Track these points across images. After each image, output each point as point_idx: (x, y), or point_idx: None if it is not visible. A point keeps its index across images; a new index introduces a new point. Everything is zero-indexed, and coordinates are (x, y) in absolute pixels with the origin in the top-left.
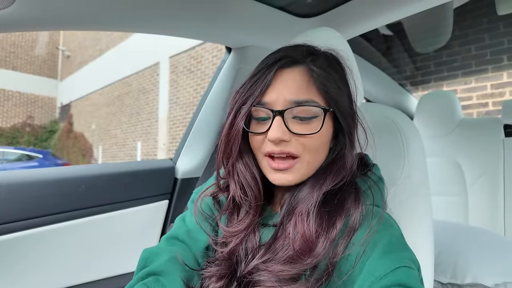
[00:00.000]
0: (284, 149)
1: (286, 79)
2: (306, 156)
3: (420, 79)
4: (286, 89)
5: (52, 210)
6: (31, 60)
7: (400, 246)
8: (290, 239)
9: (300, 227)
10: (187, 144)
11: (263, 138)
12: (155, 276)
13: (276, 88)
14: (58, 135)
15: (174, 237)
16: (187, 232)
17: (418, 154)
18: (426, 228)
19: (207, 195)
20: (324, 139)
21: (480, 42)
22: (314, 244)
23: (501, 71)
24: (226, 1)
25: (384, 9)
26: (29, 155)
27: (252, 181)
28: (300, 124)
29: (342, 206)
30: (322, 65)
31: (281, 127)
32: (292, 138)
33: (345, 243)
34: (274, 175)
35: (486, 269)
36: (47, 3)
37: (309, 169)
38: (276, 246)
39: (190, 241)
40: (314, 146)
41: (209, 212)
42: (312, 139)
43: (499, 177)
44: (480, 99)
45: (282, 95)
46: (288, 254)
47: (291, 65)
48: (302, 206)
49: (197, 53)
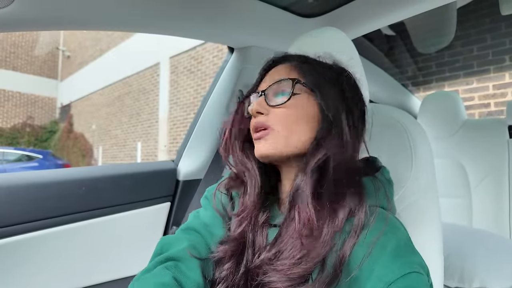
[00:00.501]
0: (259, 120)
1: (276, 71)
2: (279, 127)
3: (422, 80)
4: (270, 77)
5: (52, 213)
6: (31, 61)
7: (409, 250)
8: (295, 228)
9: (303, 212)
10: (189, 145)
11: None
12: (174, 262)
13: (266, 79)
14: (58, 135)
15: (190, 228)
16: (204, 225)
17: (426, 156)
18: (435, 231)
19: (222, 190)
20: (301, 113)
21: (482, 42)
22: (318, 230)
23: (503, 72)
24: (228, 1)
25: (388, 9)
26: (29, 156)
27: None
28: (277, 98)
29: (343, 197)
30: (314, 62)
31: (259, 102)
32: (270, 111)
33: (352, 243)
34: (256, 147)
35: (493, 273)
36: (47, 3)
37: (288, 144)
38: (283, 238)
39: (206, 234)
40: (288, 117)
41: (221, 209)
42: (286, 110)
43: (504, 179)
44: (482, 99)
45: (269, 82)
46: (296, 248)
47: (280, 63)
48: (302, 194)
49: (198, 53)
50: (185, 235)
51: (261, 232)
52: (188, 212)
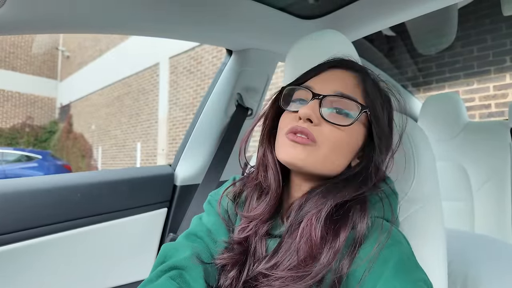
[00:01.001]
0: (307, 128)
1: (337, 75)
2: (324, 147)
3: (422, 80)
4: (333, 82)
5: (46, 221)
6: (30, 61)
7: (412, 265)
8: (296, 243)
9: (307, 232)
10: (186, 149)
11: (293, 117)
12: (178, 270)
13: (324, 79)
14: (57, 135)
15: (194, 234)
16: (207, 231)
17: (428, 162)
18: (439, 239)
19: (230, 196)
20: (350, 142)
21: (483, 43)
22: (318, 251)
23: (504, 73)
24: (226, 3)
25: (389, 11)
26: (29, 156)
27: (273, 163)
28: (334, 115)
29: (347, 216)
30: (374, 81)
31: (314, 108)
32: (321, 124)
33: (351, 257)
34: (287, 149)
35: (497, 282)
36: (39, 6)
37: (323, 164)
38: (282, 253)
39: (209, 241)
40: (337, 140)
41: (225, 216)
42: (339, 132)
43: (506, 182)
44: (483, 100)
45: (328, 86)
46: (292, 263)
47: (346, 68)
48: (312, 212)
49: (197, 53)
50: (188, 242)
51: (262, 242)
52: (186, 219)
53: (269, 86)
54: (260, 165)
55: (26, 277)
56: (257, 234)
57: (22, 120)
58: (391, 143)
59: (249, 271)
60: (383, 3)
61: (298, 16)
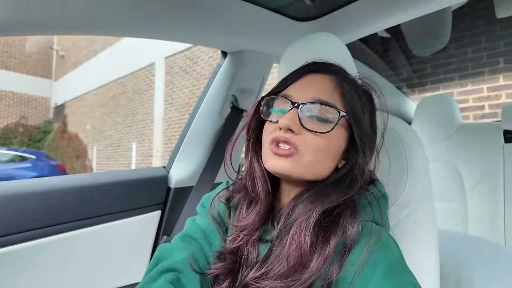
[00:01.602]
0: (289, 138)
1: (314, 80)
2: (307, 154)
3: (417, 82)
4: (310, 88)
5: (37, 224)
6: (24, 60)
7: (401, 269)
8: (285, 252)
9: (296, 239)
10: (180, 151)
11: (275, 127)
12: (175, 273)
13: (301, 86)
14: (52, 135)
15: (188, 235)
16: (202, 233)
17: (421, 164)
18: (431, 241)
19: (222, 200)
20: (333, 147)
21: (477, 45)
22: (307, 259)
23: (497, 74)
24: (220, 5)
25: (383, 14)
26: (22, 156)
27: (261, 173)
28: (314, 122)
29: (337, 222)
30: (352, 83)
31: (293, 117)
32: (301, 132)
33: (341, 262)
34: (272, 161)
35: (490, 283)
36: (30, 7)
37: (308, 171)
38: (271, 259)
39: (204, 243)
40: (320, 147)
41: (220, 220)
42: (321, 139)
43: (498, 184)
44: (477, 101)
45: (306, 93)
46: (282, 271)
47: (323, 72)
48: (302, 218)
49: (193, 53)
50: (184, 244)
51: (254, 248)
52: (180, 221)
53: (265, 87)
54: (247, 175)
55: (17, 282)
56: (249, 242)
57: (16, 120)
58: (374, 143)
59: (242, 279)
60: (378, 6)
61: (293, 18)
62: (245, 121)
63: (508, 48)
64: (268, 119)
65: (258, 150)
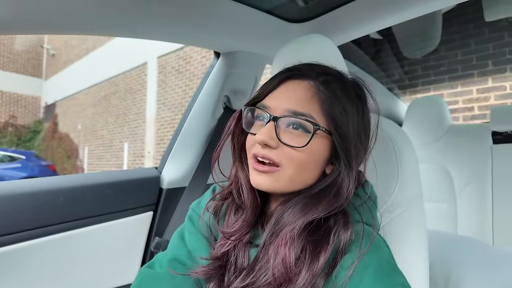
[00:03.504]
0: (267, 154)
1: (291, 89)
2: (288, 168)
3: (408, 83)
4: (287, 99)
5: (27, 226)
6: (14, 58)
7: (391, 270)
8: (271, 263)
9: (281, 251)
10: (173, 152)
11: (254, 141)
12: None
13: (278, 95)
14: (42, 135)
15: (175, 259)
16: (188, 253)
17: (411, 165)
18: (421, 242)
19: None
20: (314, 158)
21: (467, 47)
22: (293, 273)
23: (486, 76)
24: (213, 5)
25: (376, 16)
26: (12, 156)
27: (246, 181)
28: (292, 136)
29: (327, 237)
30: (333, 87)
31: (270, 132)
32: (279, 146)
33: (329, 272)
34: (254, 176)
35: (479, 282)
36: (19, 6)
37: (292, 184)
38: (256, 270)
39: (191, 264)
40: (300, 161)
41: (207, 230)
42: (300, 153)
43: (487, 185)
44: (466, 103)
45: (282, 103)
46: (268, 281)
47: (299, 78)
48: (286, 229)
49: (186, 53)
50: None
51: (244, 252)
52: (172, 222)
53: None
54: (233, 183)
55: (8, 283)
56: (237, 247)
57: (5, 119)
58: (365, 147)
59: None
60: (370, 8)
61: (286, 19)
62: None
63: (496, 51)
64: (250, 131)
65: (244, 159)
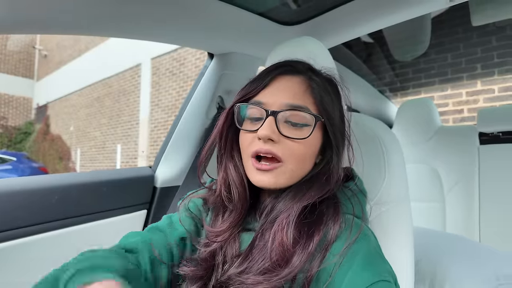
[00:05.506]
0: (270, 149)
1: (285, 84)
2: (290, 162)
3: (399, 86)
4: (282, 93)
5: (21, 223)
6: (5, 59)
7: (378, 258)
8: (268, 247)
9: (278, 236)
10: (167, 151)
11: (253, 137)
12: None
13: (273, 91)
14: (33, 137)
15: (155, 227)
16: (169, 223)
17: (398, 165)
18: (407, 238)
19: (198, 196)
20: (311, 149)
21: (456, 51)
22: (291, 254)
23: (475, 79)
24: (207, 7)
25: (365, 20)
26: (2, 158)
27: (238, 180)
28: (291, 129)
29: (321, 218)
30: (321, 80)
31: (271, 126)
32: (281, 140)
33: (322, 256)
34: (256, 176)
35: (464, 278)
36: (12, 6)
37: (292, 177)
38: (254, 255)
39: (168, 231)
40: (300, 153)
41: (197, 213)
42: (300, 145)
43: (474, 185)
44: (456, 105)
45: (278, 98)
46: (264, 266)
47: (292, 73)
48: (283, 216)
49: (180, 55)
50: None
51: (234, 241)
52: None
53: None
54: (222, 185)
55: (1, 280)
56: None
57: None
58: (344, 131)
59: (220, 275)
60: (360, 12)
61: (278, 22)
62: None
63: (484, 55)
64: (244, 129)
65: (235, 156)
